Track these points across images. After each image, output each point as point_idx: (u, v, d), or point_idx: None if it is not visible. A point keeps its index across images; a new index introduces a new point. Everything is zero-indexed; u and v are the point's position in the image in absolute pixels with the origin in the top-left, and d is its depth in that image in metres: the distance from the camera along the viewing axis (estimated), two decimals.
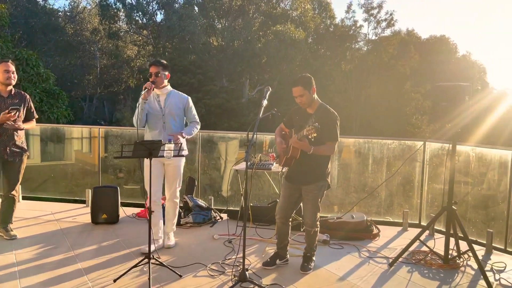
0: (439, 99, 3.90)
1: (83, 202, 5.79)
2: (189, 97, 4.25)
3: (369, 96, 28.15)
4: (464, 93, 3.70)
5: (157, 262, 3.59)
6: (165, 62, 4.15)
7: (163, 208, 4.26)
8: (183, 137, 4.03)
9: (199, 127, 4.25)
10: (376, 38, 30.81)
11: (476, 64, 35.03)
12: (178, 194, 4.22)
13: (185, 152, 4.12)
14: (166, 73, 4.10)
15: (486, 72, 35.67)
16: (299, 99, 3.61)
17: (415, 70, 28.23)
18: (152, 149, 3.18)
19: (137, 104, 3.89)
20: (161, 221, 4.21)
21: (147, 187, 3.95)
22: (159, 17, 29.45)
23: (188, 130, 4.11)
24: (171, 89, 4.18)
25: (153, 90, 3.94)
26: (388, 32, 30.87)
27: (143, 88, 3.83)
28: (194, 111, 4.25)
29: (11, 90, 4.22)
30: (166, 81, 4.11)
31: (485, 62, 52.07)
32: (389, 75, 27.78)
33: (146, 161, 3.87)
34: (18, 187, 4.45)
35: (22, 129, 4.24)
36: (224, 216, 5.32)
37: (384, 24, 30.69)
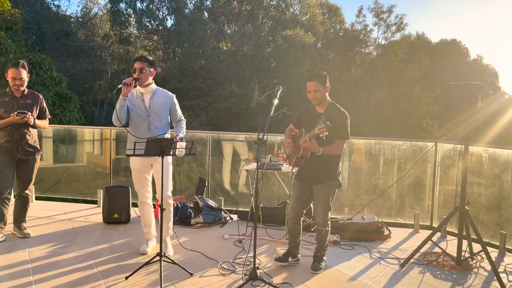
0: (450, 98, 3.87)
1: (95, 202, 5.85)
2: (174, 95, 4.00)
3: (379, 100, 28.05)
4: (477, 92, 3.67)
5: (169, 260, 3.61)
6: (151, 58, 3.86)
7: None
8: (181, 141, 3.77)
9: (185, 123, 4.06)
10: (386, 42, 30.78)
11: (488, 68, 34.71)
12: (170, 195, 3.98)
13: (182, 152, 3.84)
14: (151, 69, 3.82)
15: (498, 77, 35.28)
16: (313, 94, 3.57)
17: (425, 74, 28.08)
18: (164, 147, 3.21)
19: (116, 102, 3.64)
20: (154, 222, 4.12)
21: (136, 189, 3.94)
22: (169, 22, 29.72)
23: (180, 131, 3.88)
24: (156, 87, 3.92)
25: (134, 86, 3.70)
26: (398, 36, 30.86)
27: (122, 83, 3.56)
28: (179, 109, 4.04)
29: (23, 90, 4.27)
30: (151, 79, 3.85)
31: (497, 66, 51.43)
32: (399, 79, 27.66)
33: (131, 164, 3.90)
34: (32, 187, 4.50)
35: (34, 125, 4.23)
36: (234, 216, 5.33)
37: (394, 28, 30.67)
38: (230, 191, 6.37)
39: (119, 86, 3.56)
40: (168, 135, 3.91)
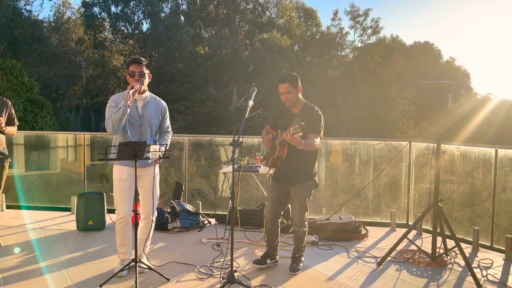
0: (423, 97, 3.95)
1: (69, 210, 5.70)
2: (166, 104, 3.73)
3: (356, 102, 28.38)
4: (447, 91, 3.75)
5: (144, 266, 3.54)
6: (146, 60, 3.53)
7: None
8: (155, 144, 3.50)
9: (171, 136, 3.78)
10: (362, 45, 31.20)
11: (460, 69, 35.54)
12: (155, 212, 3.71)
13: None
14: (148, 72, 3.51)
15: (470, 78, 36.16)
16: (285, 96, 3.60)
17: (400, 76, 28.56)
18: (137, 150, 3.14)
19: (116, 108, 3.33)
20: (131, 241, 3.60)
21: (118, 203, 3.48)
22: (145, 26, 29.42)
23: (163, 144, 3.58)
24: (149, 94, 3.61)
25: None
26: (373, 39, 31.30)
27: (130, 88, 3.27)
28: (168, 119, 3.76)
29: None
30: (146, 84, 3.51)
31: (469, 67, 52.59)
32: (375, 81, 28.08)
33: (116, 174, 3.49)
34: (1, 195, 4.36)
35: (4, 130, 4.10)
36: (212, 220, 5.29)
37: (369, 31, 31.11)
38: (207, 195, 6.33)
39: (131, 91, 3.26)
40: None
